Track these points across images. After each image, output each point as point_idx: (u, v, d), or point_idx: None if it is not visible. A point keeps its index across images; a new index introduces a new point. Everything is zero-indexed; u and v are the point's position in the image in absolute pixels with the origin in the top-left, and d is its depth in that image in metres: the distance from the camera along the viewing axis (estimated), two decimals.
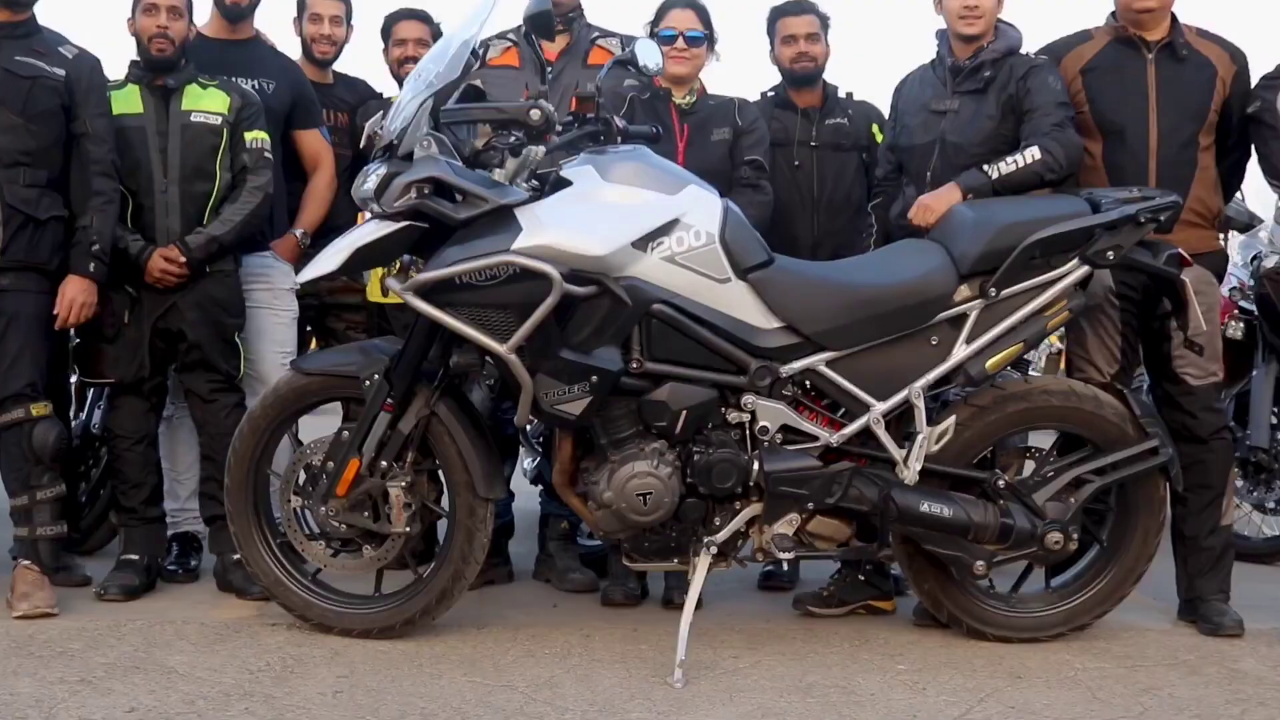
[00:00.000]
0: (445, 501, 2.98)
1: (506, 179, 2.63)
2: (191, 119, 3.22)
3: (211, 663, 2.64)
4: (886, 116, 3.52)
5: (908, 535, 2.79)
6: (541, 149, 2.71)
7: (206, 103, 3.25)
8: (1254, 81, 3.21)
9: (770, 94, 3.65)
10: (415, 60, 3.58)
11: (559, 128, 2.76)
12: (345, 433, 2.78)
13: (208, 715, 2.33)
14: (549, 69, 3.46)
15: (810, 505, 2.72)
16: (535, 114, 2.52)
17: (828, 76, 3.64)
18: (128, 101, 3.22)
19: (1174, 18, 3.17)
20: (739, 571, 3.11)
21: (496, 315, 2.57)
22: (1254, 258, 4.12)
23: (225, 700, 2.41)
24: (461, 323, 2.56)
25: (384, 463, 2.75)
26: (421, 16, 3.76)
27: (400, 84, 3.66)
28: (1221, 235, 3.43)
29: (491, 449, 2.86)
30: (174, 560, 3.43)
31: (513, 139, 2.65)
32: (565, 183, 2.65)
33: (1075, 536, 2.82)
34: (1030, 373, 3.41)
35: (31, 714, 2.30)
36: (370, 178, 2.64)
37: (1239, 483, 3.85)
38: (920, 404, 2.72)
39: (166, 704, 2.38)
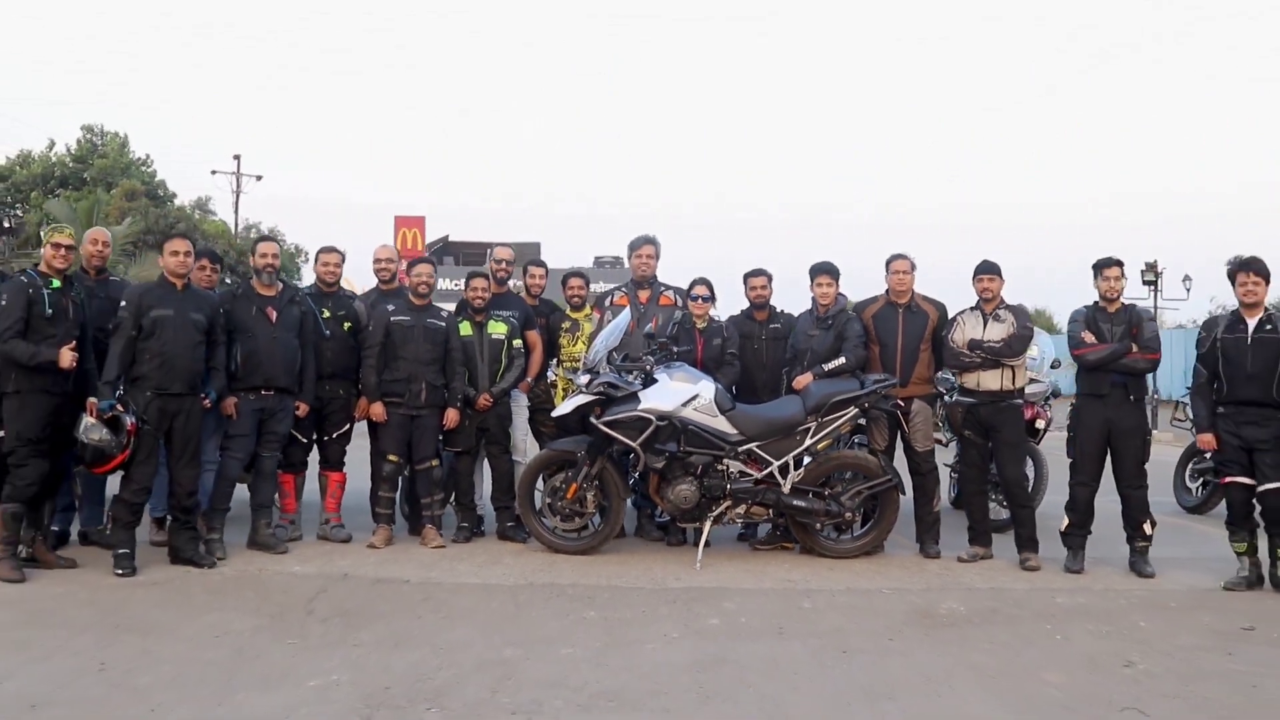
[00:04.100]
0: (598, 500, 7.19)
1: (634, 379, 6.83)
2: (491, 338, 7.41)
3: (519, 561, 6.81)
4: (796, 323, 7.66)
5: (791, 514, 6.97)
6: (646, 366, 6.89)
7: (498, 329, 7.43)
8: (950, 317, 7.32)
9: (743, 310, 7.83)
10: (579, 296, 7.91)
11: (651, 354, 6.95)
12: (569, 471, 6.97)
13: (530, 574, 6.44)
14: (641, 308, 7.66)
15: (750, 502, 6.90)
16: (649, 366, 6.73)
17: (773, 302, 7.80)
18: (464, 329, 7.40)
19: (913, 291, 7.34)
20: (726, 529, 7.34)
21: (631, 431, 6.72)
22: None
23: (534, 571, 6.54)
24: (618, 434, 6.75)
25: (585, 485, 6.94)
26: (582, 274, 7.95)
27: (571, 307, 7.97)
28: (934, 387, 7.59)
29: (625, 478, 7.09)
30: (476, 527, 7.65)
31: (636, 369, 6.86)
32: (654, 379, 6.83)
33: (859, 515, 6.99)
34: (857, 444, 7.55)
35: (473, 577, 6.46)
36: (582, 377, 6.86)
37: None
38: (792, 462, 6.88)
39: (515, 572, 6.51)
